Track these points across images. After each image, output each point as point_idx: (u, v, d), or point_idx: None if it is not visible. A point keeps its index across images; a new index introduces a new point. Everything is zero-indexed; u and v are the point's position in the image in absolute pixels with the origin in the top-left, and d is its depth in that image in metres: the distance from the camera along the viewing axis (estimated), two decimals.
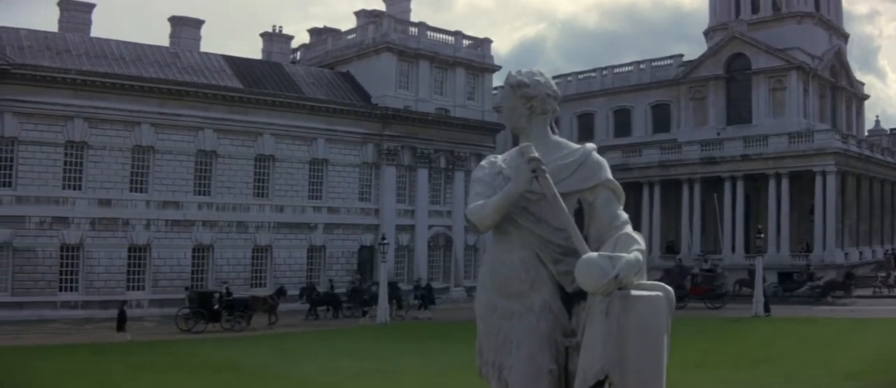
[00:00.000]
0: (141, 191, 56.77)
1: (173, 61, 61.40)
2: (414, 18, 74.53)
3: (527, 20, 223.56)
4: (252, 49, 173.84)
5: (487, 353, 7.32)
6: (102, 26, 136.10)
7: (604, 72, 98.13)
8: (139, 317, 50.35)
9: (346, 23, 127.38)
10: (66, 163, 53.99)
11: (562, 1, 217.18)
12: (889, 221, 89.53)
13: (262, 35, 77.58)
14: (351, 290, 59.01)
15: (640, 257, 6.62)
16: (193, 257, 58.97)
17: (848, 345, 34.42)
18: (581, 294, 6.84)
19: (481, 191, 7.30)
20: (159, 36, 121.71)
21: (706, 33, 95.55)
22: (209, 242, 59.42)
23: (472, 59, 74.73)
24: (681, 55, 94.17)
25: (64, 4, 62.60)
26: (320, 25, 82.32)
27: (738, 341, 37.32)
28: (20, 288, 51.57)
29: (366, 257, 67.22)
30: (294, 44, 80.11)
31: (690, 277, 64.14)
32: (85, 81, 54.03)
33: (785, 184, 74.57)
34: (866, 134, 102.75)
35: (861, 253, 79.57)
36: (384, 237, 57.13)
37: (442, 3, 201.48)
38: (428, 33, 72.42)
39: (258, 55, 76.07)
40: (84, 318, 50.96)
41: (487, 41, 76.80)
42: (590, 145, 7.43)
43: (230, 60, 65.13)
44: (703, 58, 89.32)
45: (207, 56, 64.91)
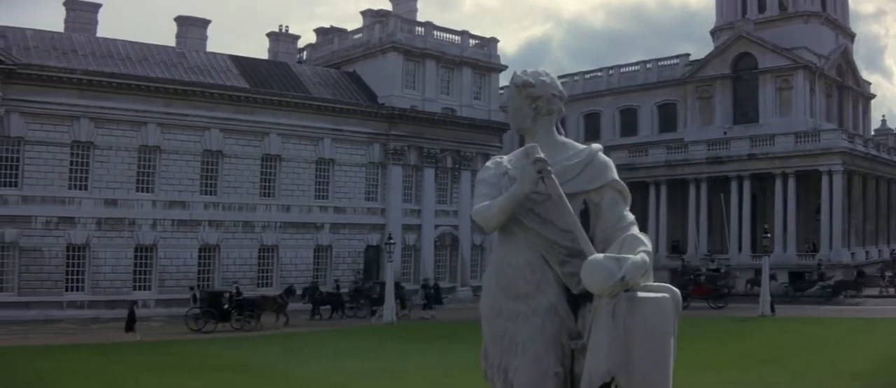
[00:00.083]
0: (147, 191, 56.80)
1: (179, 61, 61.42)
2: (420, 18, 74.54)
3: (533, 20, 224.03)
4: (258, 49, 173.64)
5: (493, 355, 7.27)
6: (108, 26, 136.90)
7: (610, 71, 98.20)
8: (146, 317, 50.27)
9: (353, 22, 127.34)
10: (73, 163, 54.02)
11: (568, 0, 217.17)
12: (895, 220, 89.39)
13: (269, 35, 77.67)
14: (353, 290, 58.99)
15: (647, 259, 6.57)
16: (200, 257, 59.00)
17: (854, 345, 34.40)
18: (587, 296, 6.80)
19: (487, 192, 7.23)
20: (165, 36, 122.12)
21: (713, 33, 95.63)
22: (215, 241, 59.46)
23: (479, 58, 74.65)
24: (687, 55, 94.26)
25: (70, 4, 62.71)
26: (326, 25, 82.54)
27: (745, 340, 37.24)
28: (26, 288, 51.64)
29: (372, 257, 67.20)
30: (300, 44, 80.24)
31: (693, 277, 64.13)
32: (91, 81, 54.09)
33: (791, 183, 74.55)
34: (873, 133, 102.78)
35: (867, 253, 79.51)
36: (390, 237, 56.87)
37: (448, 2, 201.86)
38: (434, 33, 72.35)
39: (264, 55, 76.19)
40: (90, 318, 51.04)
41: (494, 41, 76.70)
42: (596, 146, 7.38)
43: (236, 60, 65.16)
44: (710, 57, 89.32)
45: (213, 56, 64.92)
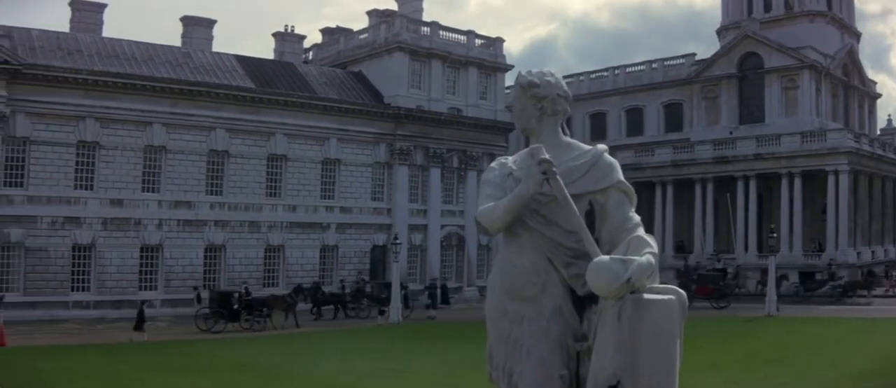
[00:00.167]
0: (153, 191, 56.85)
1: (185, 61, 61.46)
2: (426, 18, 74.58)
3: (539, 19, 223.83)
4: (264, 49, 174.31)
5: (498, 358, 7.20)
6: (114, 26, 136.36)
7: (616, 71, 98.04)
8: (151, 317, 50.02)
9: (359, 22, 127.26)
10: (78, 163, 54.09)
11: (574, 0, 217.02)
12: None
13: (275, 35, 77.79)
14: (355, 290, 58.91)
15: (653, 261, 6.51)
16: (206, 257, 59.04)
17: (859, 345, 34.34)
18: (593, 298, 6.75)
19: (491, 193, 7.19)
20: (171, 36, 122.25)
21: (718, 32, 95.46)
22: (221, 241, 59.48)
23: (485, 58, 74.65)
24: (693, 54, 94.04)
25: (75, 4, 62.79)
26: (332, 25, 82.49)
27: (750, 340, 37.18)
28: (32, 288, 51.68)
29: (378, 257, 67.26)
30: (306, 44, 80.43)
31: (697, 277, 64.10)
32: (96, 81, 54.12)
33: (798, 183, 74.38)
34: (878, 133, 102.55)
35: (873, 252, 79.30)
36: (397, 237, 56.96)
37: (454, 2, 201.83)
38: (440, 33, 72.39)
39: (270, 55, 76.28)
40: (96, 318, 51.11)
41: (500, 40, 76.69)
42: (601, 147, 7.33)
43: (242, 60, 65.16)
44: (716, 57, 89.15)
45: (219, 56, 64.98)
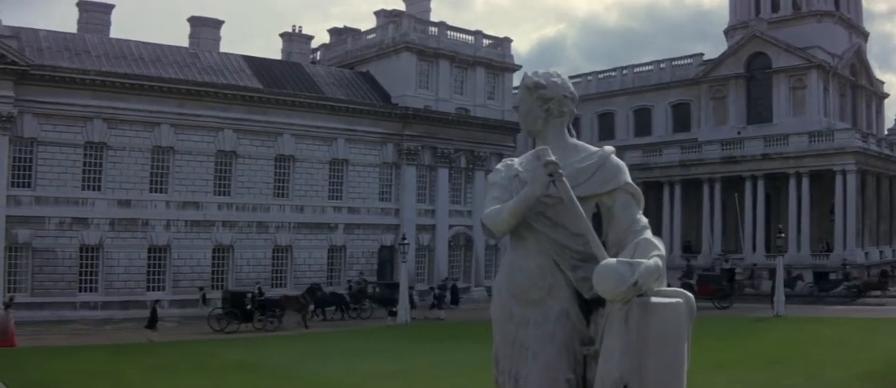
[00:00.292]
0: (160, 191, 56.89)
1: (193, 62, 61.52)
2: (434, 18, 74.62)
3: (547, 19, 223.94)
4: (272, 49, 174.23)
5: (503, 362, 7.15)
6: (121, 27, 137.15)
7: (624, 71, 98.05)
8: (159, 317, 50.10)
9: (366, 23, 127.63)
10: (86, 164, 54.12)
11: (581, 0, 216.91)
12: None
13: (282, 35, 77.89)
14: (357, 290, 58.82)
15: (660, 263, 6.46)
16: (213, 258, 59.05)
17: (868, 345, 34.24)
18: (599, 301, 6.69)
19: (497, 195, 7.13)
20: (179, 36, 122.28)
21: (726, 32, 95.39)
22: (229, 242, 59.48)
23: (492, 58, 74.62)
24: (701, 54, 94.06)
25: (83, 5, 62.89)
26: (340, 25, 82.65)
27: (757, 341, 37.10)
28: (40, 289, 51.74)
29: (386, 257, 67.26)
30: (314, 44, 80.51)
31: (699, 277, 64.10)
32: (104, 82, 54.13)
33: (805, 183, 74.28)
34: (886, 132, 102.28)
35: (881, 252, 79.26)
36: (404, 237, 56.92)
37: (462, 2, 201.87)
38: (448, 33, 72.34)
39: (278, 55, 76.34)
40: (103, 319, 51.14)
41: (507, 41, 76.70)
42: (608, 148, 7.25)
43: (250, 61, 65.20)
44: (724, 57, 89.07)
45: (227, 56, 65.01)
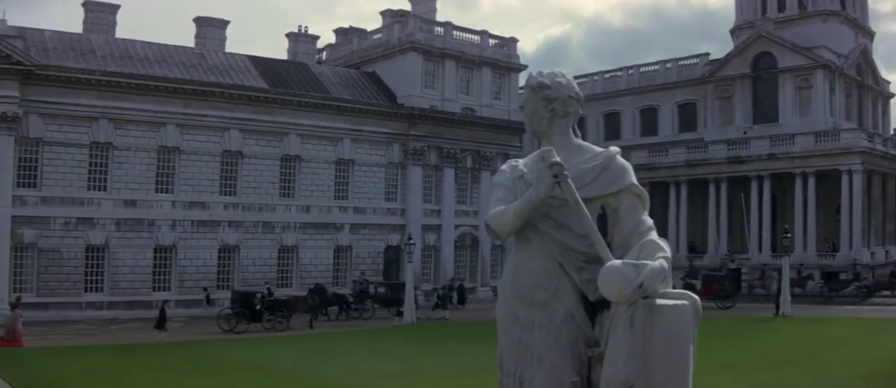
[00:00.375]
0: (166, 192, 56.90)
1: (198, 62, 61.56)
2: (440, 18, 74.67)
3: (552, 19, 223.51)
4: (277, 49, 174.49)
5: (508, 364, 7.11)
6: (127, 27, 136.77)
7: (630, 71, 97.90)
8: (167, 317, 50.35)
9: (372, 23, 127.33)
10: (92, 164, 54.16)
11: (587, 0, 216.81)
12: None
13: (288, 35, 77.87)
14: (358, 291, 58.74)
15: (666, 265, 6.43)
16: (219, 258, 59.06)
17: (875, 345, 34.21)
18: (605, 303, 6.66)
19: (502, 196, 7.11)
20: (184, 37, 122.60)
21: (732, 32, 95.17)
22: (235, 242, 59.50)
23: (498, 58, 74.60)
24: (707, 54, 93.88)
25: (88, 5, 62.95)
26: (346, 25, 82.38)
27: (763, 341, 37.04)
28: (45, 289, 51.79)
29: (392, 257, 67.30)
30: (320, 44, 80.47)
31: (702, 277, 64.09)
32: (110, 82, 54.15)
33: (811, 183, 74.12)
34: (892, 132, 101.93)
35: (887, 252, 79.03)
36: (410, 237, 56.77)
37: (468, 2, 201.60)
38: (454, 33, 72.36)
39: (283, 55, 76.32)
40: (109, 319, 51.19)
41: (513, 40, 76.67)
42: (614, 149, 7.21)
43: (255, 61, 65.22)
44: (730, 56, 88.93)
45: (233, 56, 65.06)
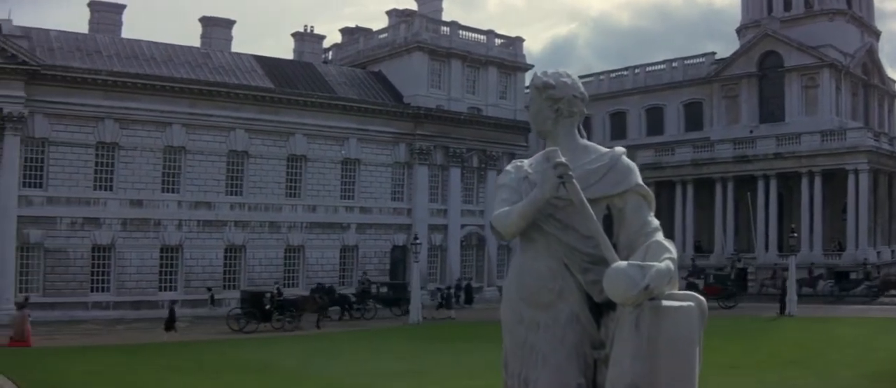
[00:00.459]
0: (172, 191, 57.01)
1: (204, 62, 61.60)
2: (446, 18, 74.70)
3: (558, 19, 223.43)
4: (283, 49, 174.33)
5: (513, 365, 7.07)
6: (133, 27, 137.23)
7: (636, 70, 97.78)
8: (176, 318, 50.39)
9: (378, 22, 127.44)
10: (97, 164, 54.26)
11: None
12: None
13: (294, 35, 77.91)
14: (360, 291, 58.71)
15: (672, 266, 6.37)
16: (226, 258, 59.12)
17: (881, 345, 34.12)
18: (610, 304, 6.60)
19: (507, 197, 7.05)
20: (190, 36, 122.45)
21: (738, 31, 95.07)
22: (241, 242, 59.55)
23: (504, 58, 74.66)
24: (713, 53, 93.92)
25: (94, 5, 63.03)
26: (352, 25, 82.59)
27: (768, 341, 37.01)
28: (51, 289, 51.89)
29: (398, 257, 67.30)
30: (326, 44, 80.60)
31: (703, 277, 64.04)
32: (115, 82, 54.23)
33: (817, 182, 74.11)
34: None
35: (893, 251, 79.01)
36: (417, 237, 56.85)
37: (474, 2, 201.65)
38: (460, 32, 72.42)
39: (289, 55, 76.46)
40: (115, 319, 51.23)
41: (519, 40, 76.68)
42: (619, 149, 7.15)
43: (261, 60, 65.27)
44: (736, 56, 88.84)
45: (238, 56, 65.09)
